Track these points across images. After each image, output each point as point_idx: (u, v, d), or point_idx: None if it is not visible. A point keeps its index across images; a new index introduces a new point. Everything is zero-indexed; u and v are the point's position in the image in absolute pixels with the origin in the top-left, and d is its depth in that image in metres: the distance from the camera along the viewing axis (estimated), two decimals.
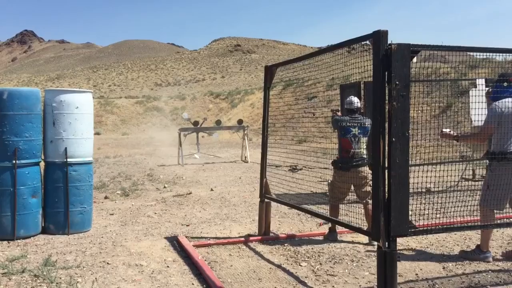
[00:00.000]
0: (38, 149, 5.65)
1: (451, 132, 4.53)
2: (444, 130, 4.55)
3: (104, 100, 42.43)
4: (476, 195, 4.64)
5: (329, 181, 5.68)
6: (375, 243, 3.95)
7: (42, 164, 5.82)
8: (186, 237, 5.52)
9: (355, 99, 5.45)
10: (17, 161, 5.37)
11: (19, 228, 5.40)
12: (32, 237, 5.51)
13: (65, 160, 5.68)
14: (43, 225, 5.75)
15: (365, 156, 5.28)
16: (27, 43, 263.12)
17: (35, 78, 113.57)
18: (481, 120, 4.50)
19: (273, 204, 5.76)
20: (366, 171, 5.27)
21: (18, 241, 5.35)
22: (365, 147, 5.30)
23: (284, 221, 6.48)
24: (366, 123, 5.28)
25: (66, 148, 5.68)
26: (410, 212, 3.25)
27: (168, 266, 4.51)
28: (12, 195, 5.36)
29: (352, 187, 5.41)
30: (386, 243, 3.18)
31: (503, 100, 4.40)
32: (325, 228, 5.83)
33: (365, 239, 5.30)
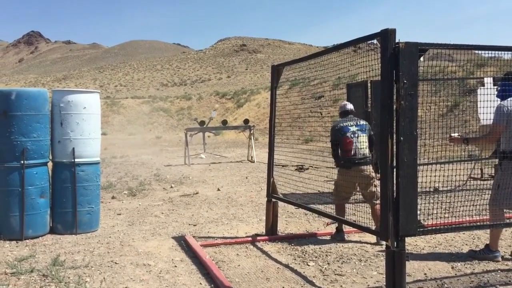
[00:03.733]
0: (46, 149, 5.68)
1: (460, 136, 4.52)
2: (452, 134, 4.53)
3: (111, 100, 42.58)
4: (484, 194, 4.61)
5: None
6: (383, 243, 3.94)
7: (50, 164, 5.85)
8: (194, 237, 5.53)
9: (347, 102, 5.76)
10: (25, 162, 5.39)
11: (27, 228, 5.42)
12: (40, 237, 5.53)
13: (73, 160, 5.70)
14: (51, 225, 5.77)
15: (367, 155, 5.29)
16: (33, 44, 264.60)
17: (41, 78, 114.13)
18: (489, 119, 4.48)
19: (280, 203, 5.75)
20: (369, 170, 5.26)
21: (27, 241, 5.37)
22: (366, 146, 5.30)
23: (291, 221, 6.47)
24: (361, 122, 5.40)
25: (73, 148, 5.70)
26: (418, 212, 3.23)
27: (175, 266, 4.52)
28: (20, 195, 5.39)
29: (358, 187, 5.40)
30: (395, 243, 3.16)
31: (510, 99, 4.38)
32: (332, 228, 5.81)
33: (372, 238, 5.28)
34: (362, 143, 5.27)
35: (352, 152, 5.24)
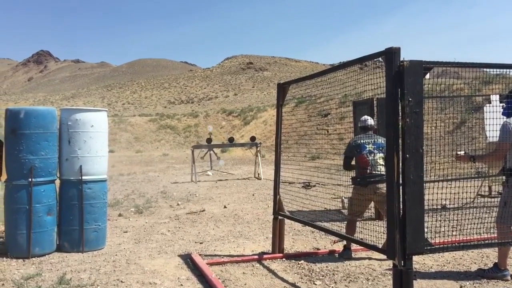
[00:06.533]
0: (54, 167, 5.72)
1: (466, 154, 4.50)
2: (459, 152, 4.52)
3: (118, 118, 42.84)
4: (492, 212, 4.58)
5: (344, 197, 5.64)
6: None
7: (57, 181, 5.88)
8: (200, 255, 5.51)
9: (368, 117, 5.61)
10: (33, 179, 5.43)
11: (34, 246, 5.43)
12: (47, 255, 5.53)
13: (80, 178, 5.72)
14: (57, 243, 5.78)
15: (384, 173, 5.26)
16: (43, 63, 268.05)
17: (50, 97, 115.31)
18: (496, 136, 4.47)
19: (286, 221, 5.73)
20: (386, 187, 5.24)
21: (33, 259, 5.37)
22: (382, 163, 5.28)
23: (298, 239, 6.44)
24: (380, 140, 5.31)
25: (81, 166, 5.74)
26: (425, 229, 3.21)
27: (182, 285, 4.50)
28: (27, 213, 5.41)
29: (373, 203, 5.39)
30: (402, 261, 3.14)
31: None
32: (339, 246, 5.77)
33: (380, 256, 5.23)
34: (378, 162, 5.25)
35: (368, 171, 5.23)
